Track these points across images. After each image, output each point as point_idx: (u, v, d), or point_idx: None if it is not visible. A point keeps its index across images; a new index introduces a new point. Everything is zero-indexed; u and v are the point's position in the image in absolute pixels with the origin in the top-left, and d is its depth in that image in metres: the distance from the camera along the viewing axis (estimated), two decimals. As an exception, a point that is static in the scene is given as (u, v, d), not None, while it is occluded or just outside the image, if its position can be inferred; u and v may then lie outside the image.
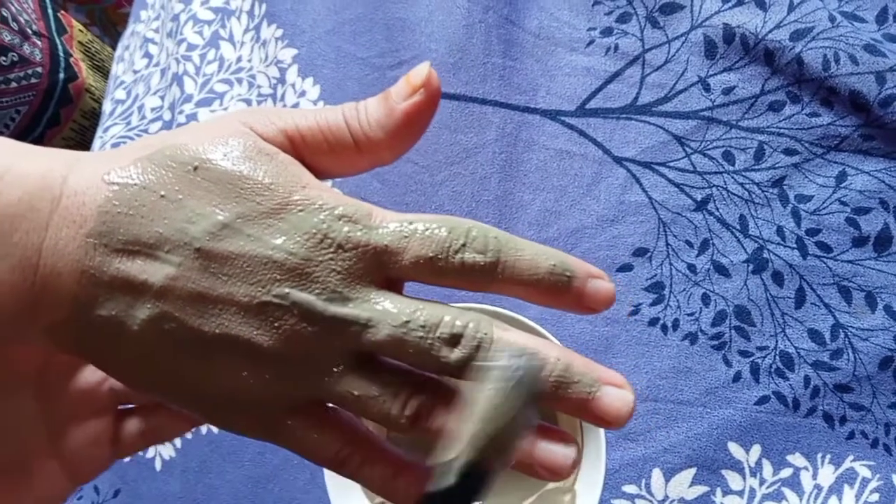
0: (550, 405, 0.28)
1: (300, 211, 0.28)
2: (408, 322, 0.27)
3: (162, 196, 0.27)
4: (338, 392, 0.28)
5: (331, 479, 0.44)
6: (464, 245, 0.28)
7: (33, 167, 0.27)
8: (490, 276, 0.29)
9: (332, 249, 0.27)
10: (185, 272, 0.27)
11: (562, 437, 0.29)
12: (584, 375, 0.28)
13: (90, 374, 0.35)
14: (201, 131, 0.29)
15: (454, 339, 0.27)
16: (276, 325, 0.27)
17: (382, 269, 0.28)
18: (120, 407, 0.37)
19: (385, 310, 0.28)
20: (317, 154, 0.31)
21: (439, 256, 0.28)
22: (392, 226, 0.28)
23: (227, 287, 0.27)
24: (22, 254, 0.26)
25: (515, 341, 0.28)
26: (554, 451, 0.28)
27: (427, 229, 0.28)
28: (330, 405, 0.30)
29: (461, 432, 0.25)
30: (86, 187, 0.27)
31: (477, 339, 0.27)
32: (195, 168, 0.28)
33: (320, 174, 0.31)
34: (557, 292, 0.29)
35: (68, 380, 0.35)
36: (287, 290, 0.27)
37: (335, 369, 0.28)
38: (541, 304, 0.30)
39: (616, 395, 0.28)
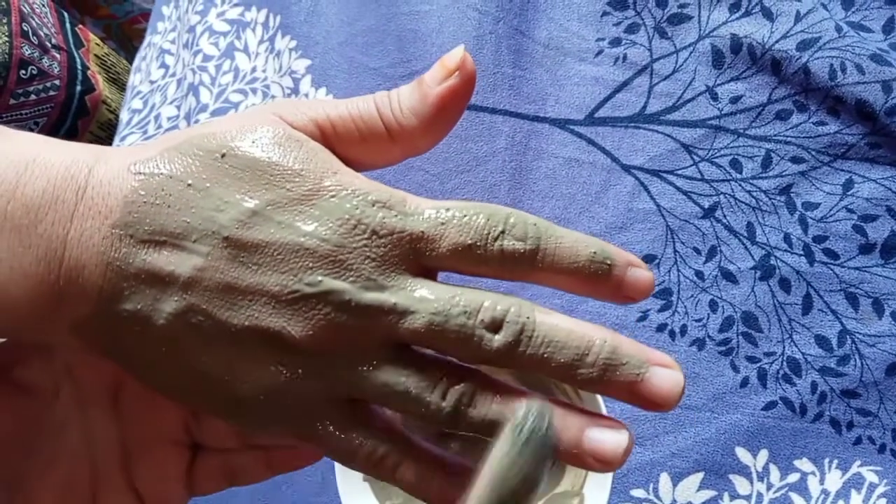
0: (599, 391, 0.27)
1: (332, 197, 0.27)
2: (447, 308, 0.26)
3: (189, 185, 0.27)
4: (374, 385, 0.27)
5: (342, 482, 0.45)
6: (503, 232, 0.27)
7: (59, 158, 0.26)
8: (530, 264, 0.27)
9: (366, 236, 0.27)
10: (214, 262, 0.26)
11: (611, 424, 0.27)
12: (632, 357, 0.26)
13: (165, 401, 0.32)
14: (230, 121, 0.29)
15: (496, 324, 0.26)
16: (308, 314, 0.26)
17: (418, 256, 0.27)
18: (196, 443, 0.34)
19: (422, 297, 0.27)
20: (348, 144, 0.30)
21: (478, 244, 0.27)
22: (428, 212, 0.27)
23: (256, 277, 0.26)
24: (47, 245, 0.25)
25: (558, 324, 0.27)
26: (605, 440, 0.26)
27: (465, 216, 0.27)
28: (363, 403, 0.29)
29: (472, 495, 0.24)
30: (112, 178, 0.26)
31: (520, 322, 0.26)
32: (223, 155, 0.27)
33: (352, 165, 0.30)
34: (597, 280, 0.28)
35: (143, 405, 0.32)
36: (320, 277, 0.26)
37: (371, 361, 0.27)
38: (579, 293, 0.29)
39: (666, 375, 0.27)
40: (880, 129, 0.50)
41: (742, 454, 0.49)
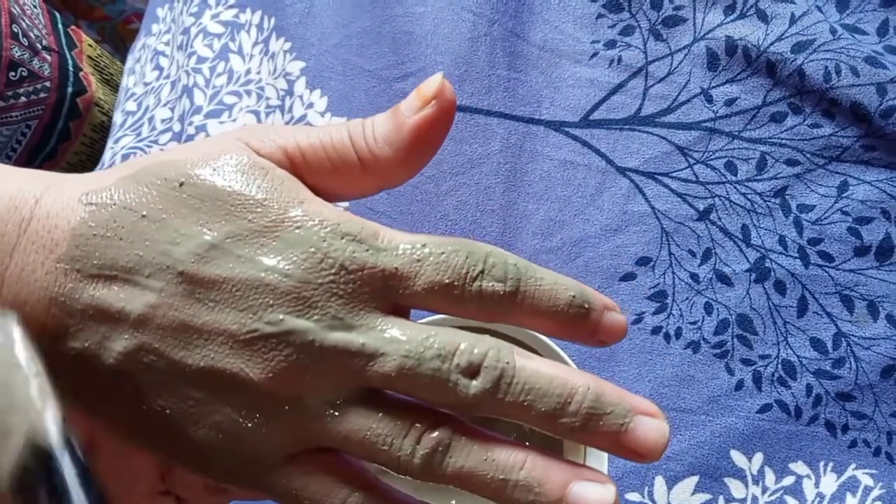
0: (581, 441, 0.26)
1: (297, 228, 0.25)
2: (420, 351, 0.25)
3: (143, 216, 0.25)
4: (340, 432, 0.25)
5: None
6: (482, 272, 0.26)
7: (3, 189, 0.25)
8: (509, 305, 0.26)
9: (333, 271, 0.25)
10: (168, 299, 0.24)
11: (597, 477, 0.26)
12: (616, 405, 0.25)
13: (141, 457, 0.31)
14: (193, 148, 0.27)
15: (473, 369, 0.25)
16: (268, 355, 0.24)
17: (390, 294, 0.26)
18: None
19: (393, 337, 0.25)
20: (319, 174, 0.28)
21: (456, 283, 0.25)
22: (402, 247, 0.26)
23: (213, 314, 0.24)
24: None
25: (539, 370, 0.25)
26: (589, 496, 0.25)
27: (443, 253, 0.26)
28: (332, 449, 0.27)
29: None
30: (60, 209, 0.25)
31: (499, 368, 0.25)
32: (181, 184, 0.25)
33: (324, 196, 0.28)
34: (574, 324, 0.27)
35: (118, 460, 0.30)
36: (281, 316, 0.24)
37: (338, 406, 0.25)
38: (554, 335, 0.28)
39: (652, 425, 0.26)
40: (875, 132, 0.50)
41: (737, 457, 0.49)
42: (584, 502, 0.25)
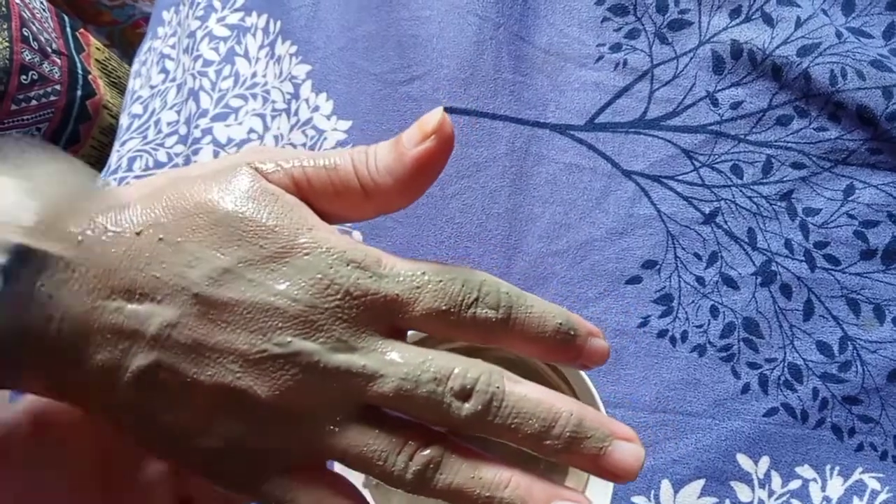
0: (563, 461, 0.28)
1: (306, 255, 0.27)
2: (417, 374, 0.26)
3: (160, 239, 0.26)
4: (339, 447, 0.27)
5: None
6: (477, 300, 0.27)
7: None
8: (501, 331, 0.28)
9: (339, 297, 0.26)
10: (183, 319, 0.26)
11: (576, 497, 0.27)
12: (596, 430, 0.27)
13: (154, 467, 0.33)
14: (205, 172, 0.28)
15: (466, 393, 0.26)
16: (275, 375, 0.26)
17: (391, 318, 0.27)
18: None
19: (392, 360, 0.27)
20: (323, 198, 0.30)
21: (452, 310, 0.27)
22: (403, 275, 0.27)
23: (225, 335, 0.26)
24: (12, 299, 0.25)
25: (526, 395, 0.27)
26: None
27: (441, 281, 0.27)
28: (327, 467, 0.29)
29: None
30: (81, 231, 0.26)
31: (489, 392, 0.26)
32: (196, 210, 0.27)
33: (327, 218, 0.30)
34: (560, 349, 0.29)
35: (133, 472, 0.33)
36: (290, 338, 0.26)
37: (338, 422, 0.27)
38: (541, 358, 0.30)
39: (628, 449, 0.27)
40: (881, 135, 0.50)
41: (743, 461, 0.49)
42: None
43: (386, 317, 0.27)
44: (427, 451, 0.27)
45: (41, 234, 0.25)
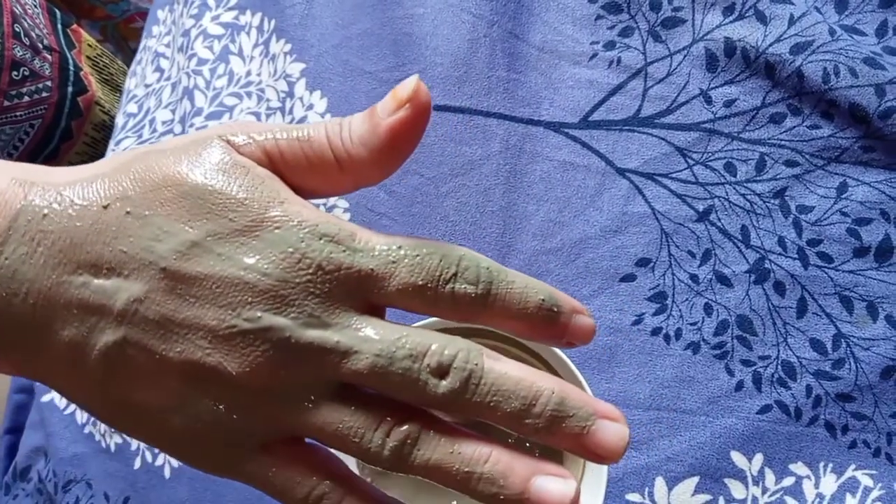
0: (544, 441, 0.27)
1: (276, 228, 0.26)
2: (392, 350, 0.26)
3: (127, 213, 0.26)
4: (313, 424, 0.26)
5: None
6: (455, 275, 0.27)
7: None
8: (480, 307, 0.27)
9: (310, 271, 0.26)
10: (150, 294, 0.25)
11: (559, 472, 0.27)
12: (580, 409, 0.27)
13: None
14: (174, 145, 0.28)
15: (442, 370, 0.26)
16: (246, 350, 0.25)
17: (365, 294, 0.27)
18: None
19: (367, 336, 0.26)
20: (297, 171, 0.29)
21: (429, 285, 0.27)
22: (378, 249, 0.27)
23: (194, 310, 0.25)
24: None
25: (506, 372, 0.26)
26: (551, 490, 0.26)
27: (417, 255, 0.27)
28: (305, 440, 0.28)
29: None
30: (47, 203, 0.26)
31: (467, 369, 0.26)
32: (164, 182, 0.26)
33: (302, 193, 0.29)
34: (544, 326, 0.28)
35: None
36: (259, 313, 0.25)
37: (312, 399, 0.26)
38: (524, 336, 0.29)
39: (613, 429, 0.27)
40: (874, 133, 0.50)
41: (737, 458, 0.49)
42: (546, 495, 0.26)
43: (360, 293, 0.27)
44: (404, 428, 0.26)
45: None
